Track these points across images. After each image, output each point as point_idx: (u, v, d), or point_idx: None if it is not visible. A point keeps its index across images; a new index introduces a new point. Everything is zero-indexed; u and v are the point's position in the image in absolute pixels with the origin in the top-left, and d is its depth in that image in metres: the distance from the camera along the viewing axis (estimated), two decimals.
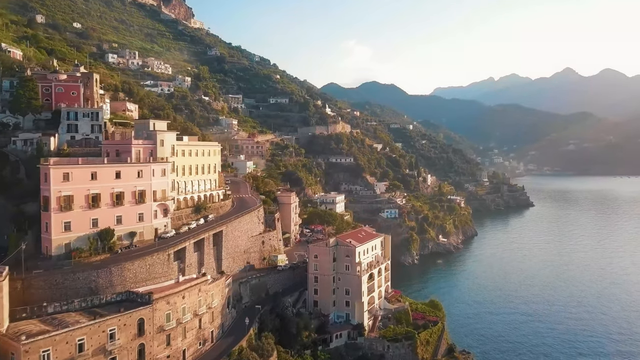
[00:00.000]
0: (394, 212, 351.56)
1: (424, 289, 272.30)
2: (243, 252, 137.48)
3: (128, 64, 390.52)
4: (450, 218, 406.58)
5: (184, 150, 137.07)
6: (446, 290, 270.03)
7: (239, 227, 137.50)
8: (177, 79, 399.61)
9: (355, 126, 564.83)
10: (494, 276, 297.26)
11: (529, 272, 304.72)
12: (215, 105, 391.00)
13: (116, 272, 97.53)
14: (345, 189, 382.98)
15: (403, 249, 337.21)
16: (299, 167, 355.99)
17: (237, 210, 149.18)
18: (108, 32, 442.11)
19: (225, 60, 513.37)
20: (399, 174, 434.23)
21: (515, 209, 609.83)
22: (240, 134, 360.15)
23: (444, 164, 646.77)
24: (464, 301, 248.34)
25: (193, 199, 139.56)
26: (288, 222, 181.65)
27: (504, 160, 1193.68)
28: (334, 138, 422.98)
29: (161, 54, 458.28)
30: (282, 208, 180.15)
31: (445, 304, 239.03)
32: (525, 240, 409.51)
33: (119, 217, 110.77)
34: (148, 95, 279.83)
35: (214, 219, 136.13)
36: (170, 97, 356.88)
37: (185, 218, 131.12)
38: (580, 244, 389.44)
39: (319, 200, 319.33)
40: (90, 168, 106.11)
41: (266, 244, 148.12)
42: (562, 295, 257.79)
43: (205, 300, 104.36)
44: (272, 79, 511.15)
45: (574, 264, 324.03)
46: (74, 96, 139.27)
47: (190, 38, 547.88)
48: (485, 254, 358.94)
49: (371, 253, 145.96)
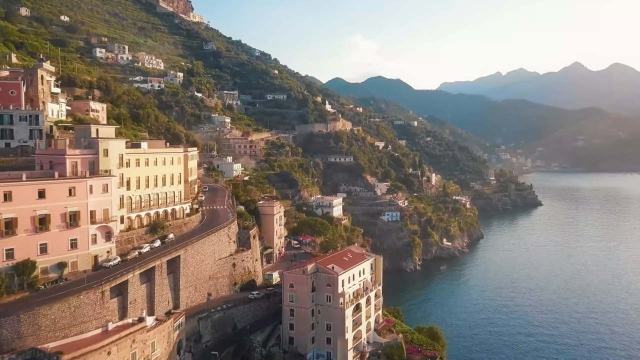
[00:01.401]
0: (395, 215, 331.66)
1: (425, 302, 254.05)
2: (208, 278, 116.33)
3: (117, 59, 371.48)
4: (455, 220, 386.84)
5: (138, 160, 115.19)
6: (449, 303, 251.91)
7: (203, 249, 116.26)
8: (168, 74, 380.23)
9: (357, 123, 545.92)
10: (501, 286, 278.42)
11: (538, 281, 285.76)
12: (209, 102, 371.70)
13: (27, 319, 75.89)
14: (345, 190, 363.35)
15: (405, 254, 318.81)
16: (295, 168, 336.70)
17: (207, 226, 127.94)
18: (98, 26, 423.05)
19: (222, 55, 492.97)
20: (402, 173, 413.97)
21: (523, 209, 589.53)
22: (233, 132, 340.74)
23: (449, 162, 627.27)
24: (468, 316, 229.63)
25: (150, 217, 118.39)
26: (270, 235, 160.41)
27: (511, 157, 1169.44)
28: (334, 136, 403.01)
29: (154, 48, 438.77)
30: (264, 220, 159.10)
31: (448, 319, 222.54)
32: (534, 243, 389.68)
33: (43, 245, 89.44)
34: (129, 93, 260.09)
35: (174, 239, 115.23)
36: (160, 93, 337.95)
37: (138, 240, 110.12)
38: (591, 248, 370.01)
39: (315, 203, 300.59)
40: (2, 187, 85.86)
41: (238, 267, 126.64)
42: (576, 308, 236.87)
43: (142, 353, 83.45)
44: (270, 75, 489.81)
45: (587, 272, 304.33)
46: (13, 96, 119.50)
47: (186, 32, 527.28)
48: (492, 259, 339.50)
49: (358, 279, 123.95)
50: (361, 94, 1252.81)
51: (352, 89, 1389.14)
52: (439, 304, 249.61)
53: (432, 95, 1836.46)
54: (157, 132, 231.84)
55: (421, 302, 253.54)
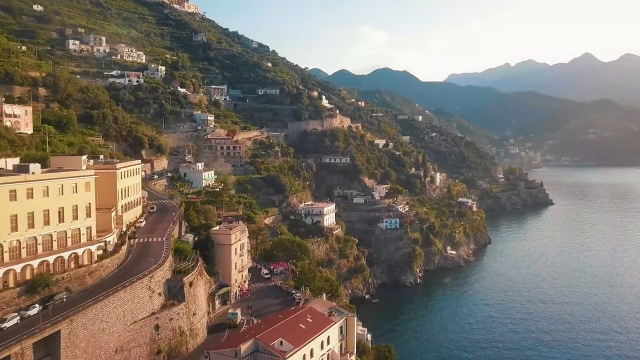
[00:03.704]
0: (394, 222, 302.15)
1: (424, 322, 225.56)
2: (114, 352, 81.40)
3: (93, 51, 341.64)
4: (460, 225, 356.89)
5: (15, 191, 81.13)
6: (452, 321, 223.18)
7: (105, 313, 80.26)
8: (149, 68, 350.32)
9: (357, 119, 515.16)
10: (509, 300, 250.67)
11: (551, 295, 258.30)
12: (193, 98, 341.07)
13: None
14: (340, 194, 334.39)
15: (404, 266, 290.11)
16: (285, 170, 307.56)
17: (126, 273, 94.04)
18: (77, 16, 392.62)
19: (212, 47, 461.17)
20: (403, 174, 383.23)
21: (533, 208, 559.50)
22: (217, 131, 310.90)
23: (455, 159, 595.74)
24: (472, 339, 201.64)
25: (32, 269, 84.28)
26: (227, 270, 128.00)
27: (520, 151, 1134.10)
28: (329, 134, 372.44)
29: (137, 40, 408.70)
30: (219, 251, 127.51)
31: (449, 344, 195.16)
32: (545, 249, 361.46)
33: None
34: (87, 90, 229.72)
35: (64, 299, 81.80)
36: (137, 89, 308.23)
37: (6, 305, 77.26)
38: (606, 254, 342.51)
39: (304, 211, 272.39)
40: None
41: (165, 329, 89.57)
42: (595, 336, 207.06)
43: None
44: (263, 68, 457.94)
45: (605, 284, 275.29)
46: None
47: (175, 23, 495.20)
48: (500, 269, 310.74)
49: (320, 354, 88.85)
50: (367, 86, 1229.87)
51: (358, 81, 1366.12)
52: (440, 325, 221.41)
53: (440, 87, 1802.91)
54: (117, 135, 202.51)
55: (420, 323, 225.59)
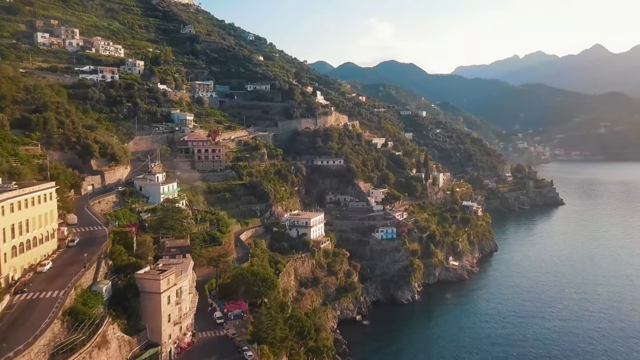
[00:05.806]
0: (391, 232, 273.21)
1: (420, 349, 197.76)
2: None
3: (64, 45, 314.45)
4: (464, 232, 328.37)
5: None
6: (451, 346, 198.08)
7: None
8: (126, 63, 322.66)
9: (356, 115, 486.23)
10: (517, 322, 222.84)
11: (565, 312, 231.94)
12: (173, 96, 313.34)
13: None
14: (332, 200, 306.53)
15: (400, 281, 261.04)
16: (270, 175, 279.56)
17: None
18: (51, 7, 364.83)
19: (199, 40, 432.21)
20: (403, 176, 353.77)
21: (543, 208, 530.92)
22: (196, 132, 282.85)
23: (460, 157, 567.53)
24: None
25: None
26: (157, 324, 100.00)
27: (529, 145, 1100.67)
28: (322, 134, 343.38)
29: (117, 32, 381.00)
30: (146, 300, 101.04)
31: None
32: (556, 256, 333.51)
33: None
34: (35, 89, 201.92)
35: None
36: (109, 86, 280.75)
37: None
38: (622, 261, 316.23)
39: (288, 222, 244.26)
40: None
41: None
42: None
43: None
44: (253, 62, 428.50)
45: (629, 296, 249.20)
46: None
47: (162, 14, 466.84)
48: (507, 282, 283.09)
49: None
50: (372, 79, 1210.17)
51: (363, 74, 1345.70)
52: (439, 353, 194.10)
53: (447, 79, 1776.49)
54: (63, 142, 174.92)
55: (417, 349, 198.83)
